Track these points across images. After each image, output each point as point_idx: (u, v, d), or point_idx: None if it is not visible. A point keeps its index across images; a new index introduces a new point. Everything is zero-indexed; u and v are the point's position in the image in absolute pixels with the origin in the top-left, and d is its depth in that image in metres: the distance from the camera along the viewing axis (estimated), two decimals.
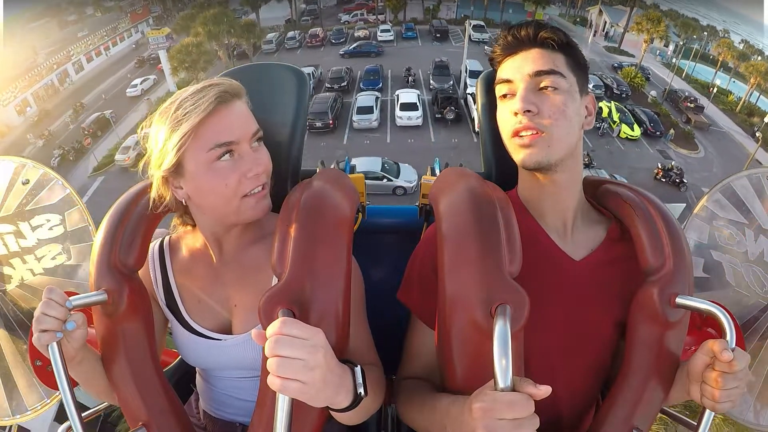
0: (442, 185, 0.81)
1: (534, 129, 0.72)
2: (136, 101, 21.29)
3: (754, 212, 0.98)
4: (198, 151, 0.71)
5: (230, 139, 0.71)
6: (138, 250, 0.76)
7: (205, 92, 0.70)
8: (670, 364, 0.70)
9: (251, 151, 0.74)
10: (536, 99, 0.72)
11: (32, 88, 21.05)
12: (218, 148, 0.70)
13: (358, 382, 0.62)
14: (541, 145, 0.72)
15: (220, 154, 0.71)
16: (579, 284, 0.76)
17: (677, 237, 0.72)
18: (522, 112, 0.72)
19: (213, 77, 0.79)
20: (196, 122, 0.69)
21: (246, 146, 0.73)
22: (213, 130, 0.70)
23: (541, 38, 0.73)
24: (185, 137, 0.69)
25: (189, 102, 0.70)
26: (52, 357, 0.66)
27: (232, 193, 0.73)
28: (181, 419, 0.77)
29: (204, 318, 0.83)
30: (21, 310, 1.04)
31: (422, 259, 0.81)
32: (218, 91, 0.71)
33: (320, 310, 0.65)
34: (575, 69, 0.74)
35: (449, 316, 0.67)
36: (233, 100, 0.73)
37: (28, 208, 1.04)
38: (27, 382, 1.03)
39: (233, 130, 0.72)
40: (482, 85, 0.91)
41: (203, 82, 0.74)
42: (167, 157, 0.71)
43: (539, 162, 0.73)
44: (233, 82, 0.75)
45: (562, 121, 0.72)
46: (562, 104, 0.72)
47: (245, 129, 0.73)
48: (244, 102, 0.76)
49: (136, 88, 22.31)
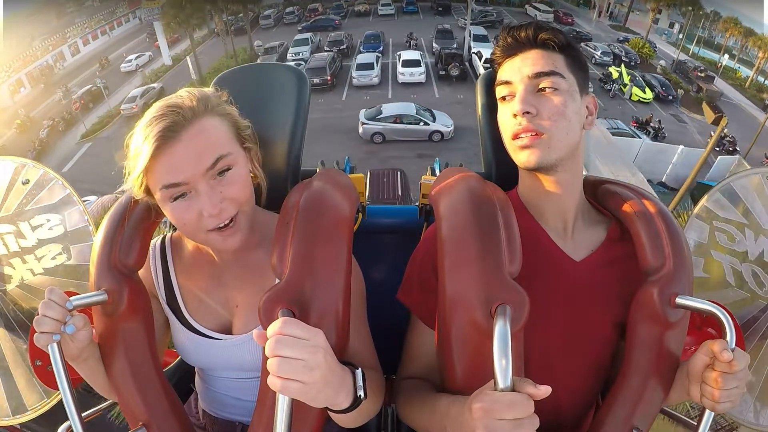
0: (442, 185, 0.81)
1: (533, 131, 0.72)
2: (130, 76, 20.84)
3: (754, 212, 0.98)
4: (154, 188, 0.69)
5: (177, 180, 0.66)
6: (138, 249, 0.76)
7: (152, 127, 0.65)
8: (670, 364, 0.70)
9: (209, 187, 0.68)
10: (535, 101, 0.72)
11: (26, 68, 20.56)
12: (168, 189, 0.67)
13: (358, 384, 0.62)
14: (540, 146, 0.72)
15: (172, 195, 0.68)
16: (579, 285, 0.76)
17: (677, 237, 0.72)
18: (521, 114, 0.72)
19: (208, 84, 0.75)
20: (148, 160, 0.65)
21: (201, 183, 0.67)
22: (160, 170, 0.66)
23: (540, 39, 0.73)
24: (140, 174, 0.67)
25: (141, 136, 0.66)
26: (52, 357, 0.66)
27: (195, 229, 0.70)
28: (181, 419, 0.77)
29: (205, 317, 0.83)
30: (21, 310, 1.04)
31: (422, 259, 0.81)
32: (163, 126, 0.65)
33: (320, 310, 0.65)
34: (575, 69, 0.75)
35: (449, 316, 0.67)
36: (182, 131, 0.66)
37: (28, 208, 1.04)
38: (27, 382, 1.03)
39: (180, 170, 0.66)
40: (482, 85, 0.91)
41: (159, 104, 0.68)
42: (134, 186, 0.70)
43: (539, 163, 0.73)
44: (191, 102, 0.68)
45: (562, 122, 0.72)
46: (562, 105, 0.72)
47: (195, 166, 0.66)
48: (208, 120, 0.69)
49: (130, 63, 21.79)
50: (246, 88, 0.77)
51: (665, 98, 17.02)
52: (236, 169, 0.71)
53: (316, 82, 16.06)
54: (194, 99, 0.69)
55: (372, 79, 16.69)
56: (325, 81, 16.42)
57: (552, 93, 0.72)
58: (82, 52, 24.83)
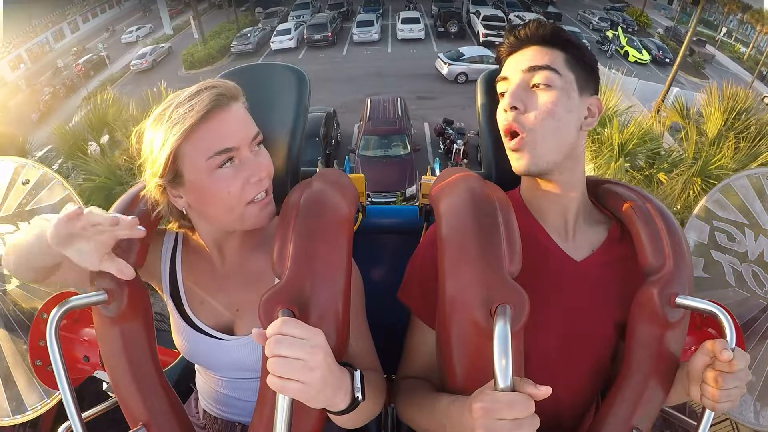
0: (442, 185, 0.81)
1: (515, 129, 0.72)
2: (131, 47, 20.79)
3: (754, 212, 0.98)
4: (197, 160, 0.67)
5: (231, 145, 0.68)
6: (138, 249, 0.76)
7: (200, 96, 0.67)
8: (670, 364, 0.70)
9: (252, 155, 0.71)
10: (525, 96, 0.72)
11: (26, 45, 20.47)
12: (218, 156, 0.67)
13: (356, 386, 0.61)
14: (528, 151, 0.72)
15: (221, 162, 0.68)
16: (580, 285, 0.76)
17: (677, 237, 0.72)
18: (508, 108, 0.72)
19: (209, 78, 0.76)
20: (192, 129, 0.65)
21: (246, 151, 0.70)
22: (211, 136, 0.67)
23: (539, 35, 0.74)
24: (181, 145, 0.66)
25: (183, 107, 0.66)
26: (52, 357, 0.66)
27: (236, 201, 0.70)
28: (181, 419, 0.77)
29: (207, 316, 0.83)
30: (21, 310, 1.05)
31: (423, 259, 0.81)
32: (214, 94, 0.67)
33: (320, 310, 0.65)
34: (575, 67, 0.74)
35: (449, 316, 0.67)
36: (230, 103, 0.69)
37: (28, 208, 1.04)
38: (27, 382, 1.03)
39: (233, 135, 0.68)
40: (482, 85, 0.91)
41: (197, 85, 0.70)
42: (162, 167, 0.68)
43: (529, 169, 0.73)
44: (229, 84, 0.71)
45: (549, 121, 0.71)
46: (551, 103, 0.71)
47: (245, 133, 0.70)
48: (241, 104, 0.73)
49: (131, 34, 21.64)
50: (246, 88, 0.77)
51: (662, 60, 17.40)
52: (263, 147, 0.75)
53: (317, 39, 16.52)
54: (230, 84, 0.72)
55: (372, 35, 17.11)
56: (326, 37, 16.76)
57: (544, 89, 0.72)
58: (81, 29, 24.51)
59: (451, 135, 9.38)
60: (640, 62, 16.92)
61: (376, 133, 8.90)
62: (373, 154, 8.61)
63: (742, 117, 4.70)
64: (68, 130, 5.24)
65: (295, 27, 17.81)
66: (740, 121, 4.68)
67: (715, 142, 4.63)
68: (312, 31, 16.93)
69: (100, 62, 18.90)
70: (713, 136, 4.69)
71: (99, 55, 19.16)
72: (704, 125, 4.89)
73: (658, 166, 4.57)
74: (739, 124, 4.67)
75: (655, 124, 5.03)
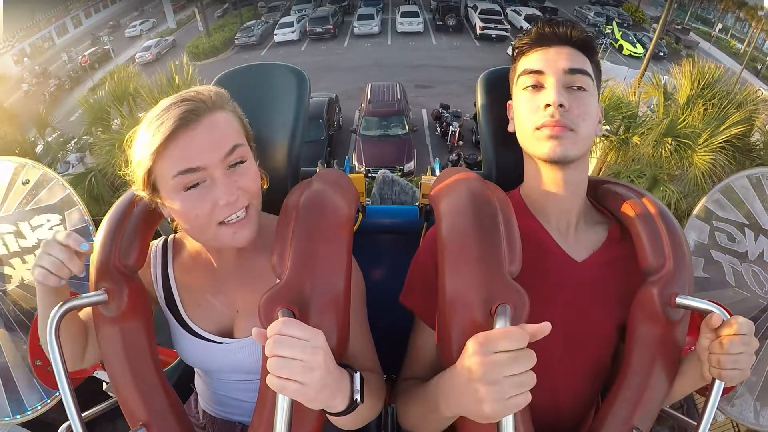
0: (442, 185, 0.81)
1: (565, 125, 0.72)
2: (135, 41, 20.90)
3: (754, 212, 0.98)
4: (164, 178, 0.67)
5: (196, 165, 0.65)
6: (138, 250, 0.76)
7: (169, 113, 0.65)
8: (671, 364, 0.70)
9: (224, 175, 0.67)
10: (567, 96, 0.73)
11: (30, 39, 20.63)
12: (182, 176, 0.65)
13: (355, 388, 0.61)
14: (569, 140, 0.72)
15: (187, 183, 0.66)
16: (580, 285, 0.76)
17: (677, 237, 0.72)
18: (557, 106, 0.72)
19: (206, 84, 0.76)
20: (159, 149, 0.64)
21: (217, 171, 0.67)
22: (176, 156, 0.65)
23: (576, 38, 0.75)
24: (154, 163, 0.66)
25: (155, 123, 0.65)
26: (52, 357, 0.66)
27: (206, 222, 0.69)
28: (181, 419, 0.77)
29: (205, 321, 0.83)
30: (21, 310, 1.04)
31: (424, 261, 0.81)
32: (182, 111, 0.65)
33: (320, 311, 0.65)
34: (596, 75, 0.77)
35: (449, 316, 0.67)
36: (201, 118, 0.66)
37: (28, 208, 1.04)
38: (27, 382, 1.03)
39: (199, 155, 0.65)
40: (482, 85, 0.91)
41: (173, 97, 0.68)
42: (141, 182, 0.69)
43: (565, 155, 0.72)
44: (207, 94, 0.69)
45: (589, 120, 0.74)
46: (589, 105, 0.74)
47: (213, 152, 0.66)
48: (224, 113, 0.70)
49: (135, 28, 21.71)
50: (246, 88, 0.77)
51: (656, 54, 17.65)
52: (248, 163, 0.71)
53: (318, 31, 16.75)
54: (211, 92, 0.70)
55: (372, 28, 17.36)
56: (327, 30, 16.95)
57: (579, 92, 0.74)
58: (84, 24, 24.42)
59: (447, 118, 10.05)
60: (634, 55, 17.31)
61: (377, 114, 9.48)
62: (374, 134, 9.19)
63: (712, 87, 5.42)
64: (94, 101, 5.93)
65: (298, 20, 18.11)
66: (708, 89, 5.40)
67: (686, 109, 5.37)
68: (314, 24, 17.22)
69: (105, 55, 19.04)
70: (683, 102, 5.48)
71: (104, 48, 19.33)
72: (676, 95, 5.61)
73: (634, 130, 5.34)
74: (707, 92, 5.39)
75: (631, 95, 5.78)
